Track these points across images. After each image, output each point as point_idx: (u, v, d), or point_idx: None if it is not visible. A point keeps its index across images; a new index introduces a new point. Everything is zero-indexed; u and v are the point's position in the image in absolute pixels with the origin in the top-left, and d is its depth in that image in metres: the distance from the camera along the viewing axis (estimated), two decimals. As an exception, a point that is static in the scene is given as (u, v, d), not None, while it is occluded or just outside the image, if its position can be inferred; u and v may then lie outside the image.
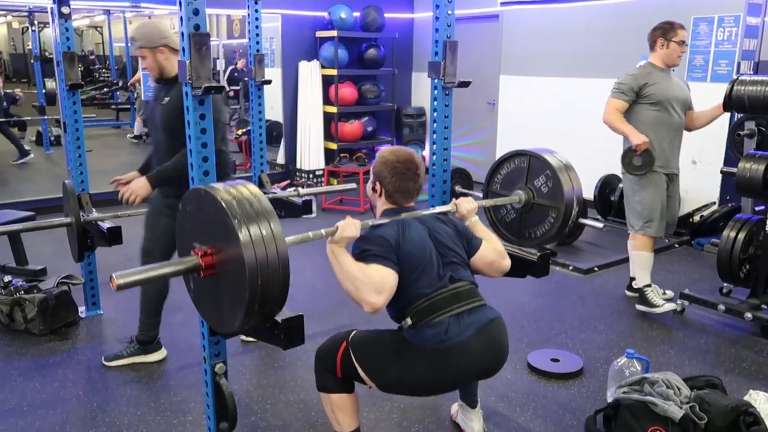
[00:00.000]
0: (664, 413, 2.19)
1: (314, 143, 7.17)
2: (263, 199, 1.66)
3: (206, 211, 1.69)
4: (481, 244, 2.22)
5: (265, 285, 1.58)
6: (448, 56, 2.56)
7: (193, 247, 1.71)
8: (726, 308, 3.48)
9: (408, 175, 2.13)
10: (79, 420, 2.60)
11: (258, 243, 1.56)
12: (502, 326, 2.09)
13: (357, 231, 1.96)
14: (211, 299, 1.78)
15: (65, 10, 3.22)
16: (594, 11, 5.89)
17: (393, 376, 2.02)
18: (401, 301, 1.99)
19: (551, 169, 2.46)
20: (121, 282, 1.56)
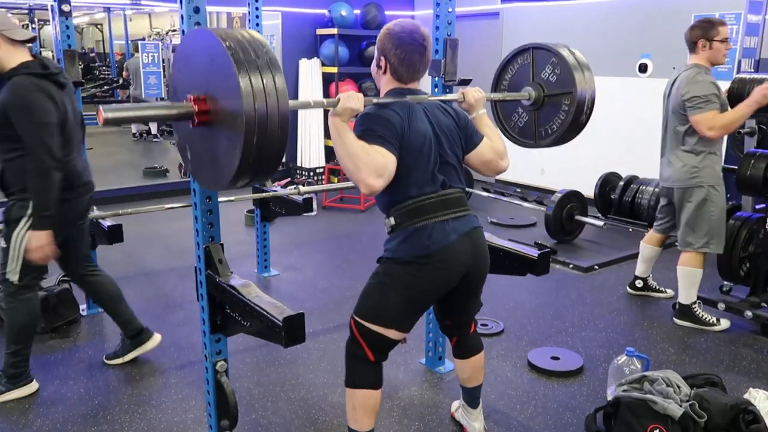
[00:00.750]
0: (664, 411, 2.20)
1: (315, 141, 7.17)
2: (269, 49, 1.55)
3: (206, 56, 1.58)
4: (481, 141, 2.16)
5: (262, 134, 1.49)
6: (449, 54, 2.56)
7: (187, 97, 1.62)
8: (726, 306, 3.48)
9: (414, 46, 2.01)
10: (80, 418, 2.61)
11: (258, 94, 1.47)
12: (482, 234, 2.13)
13: (360, 104, 1.88)
14: (202, 153, 1.69)
15: (66, 8, 3.22)
16: (594, 9, 5.89)
17: (395, 303, 2.00)
18: (390, 191, 1.95)
19: (555, 55, 2.36)
20: (108, 115, 1.48)
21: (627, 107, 5.72)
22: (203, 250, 2.04)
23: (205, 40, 1.59)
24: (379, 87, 2.14)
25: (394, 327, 2.03)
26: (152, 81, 8.20)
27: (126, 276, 4.24)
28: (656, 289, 3.95)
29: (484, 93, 2.25)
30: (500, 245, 2.52)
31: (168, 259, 4.62)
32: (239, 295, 1.92)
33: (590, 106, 2.36)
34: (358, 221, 5.74)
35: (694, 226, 3.40)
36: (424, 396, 2.78)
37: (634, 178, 5.26)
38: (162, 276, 4.27)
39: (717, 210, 3.36)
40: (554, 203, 4.88)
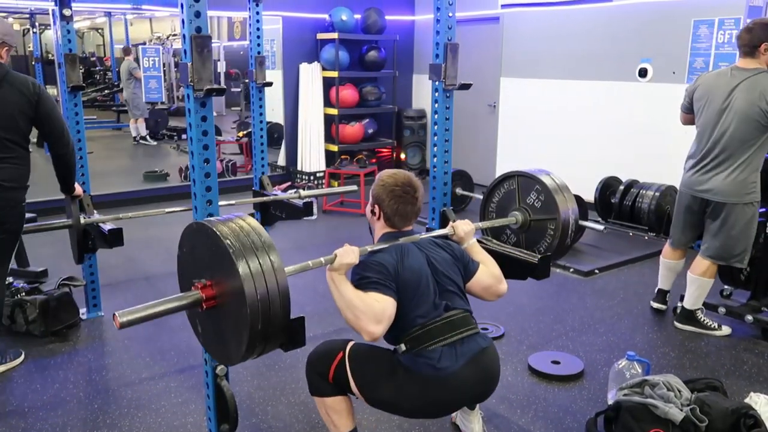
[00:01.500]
0: (665, 415, 2.19)
1: (315, 145, 7.18)
2: (262, 231, 1.69)
3: (206, 245, 1.71)
4: (477, 269, 2.24)
5: (266, 317, 1.60)
6: (449, 58, 2.56)
7: (194, 283, 1.72)
8: (726, 311, 3.48)
9: (406, 198, 2.14)
10: (80, 422, 2.60)
11: (258, 276, 1.59)
12: (493, 354, 2.11)
13: (356, 257, 1.97)
14: (213, 332, 1.79)
15: (67, 13, 3.23)
16: (594, 14, 5.90)
17: (385, 394, 2.03)
18: (397, 326, 2.00)
19: (540, 183, 2.51)
20: (124, 320, 1.56)
21: (627, 112, 5.72)
22: (204, 254, 2.04)
23: (201, 231, 1.72)
24: (373, 230, 2.25)
25: (366, 398, 2.06)
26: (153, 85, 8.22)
27: (126, 280, 4.24)
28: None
29: (472, 225, 2.38)
30: (501, 249, 2.52)
31: (168, 262, 4.61)
32: (239, 299, 1.92)
33: (574, 229, 2.51)
34: (358, 225, 5.74)
35: (737, 242, 3.25)
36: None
37: (635, 183, 5.25)
38: (162, 280, 4.26)
39: (756, 227, 3.29)
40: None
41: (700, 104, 3.31)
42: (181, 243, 1.86)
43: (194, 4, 1.83)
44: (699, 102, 3.32)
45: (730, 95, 3.16)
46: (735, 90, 3.15)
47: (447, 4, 2.54)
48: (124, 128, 11.35)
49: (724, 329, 3.45)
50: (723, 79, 3.23)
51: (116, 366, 3.09)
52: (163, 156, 9.44)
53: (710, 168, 3.25)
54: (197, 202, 2.01)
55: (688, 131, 3.62)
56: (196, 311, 1.78)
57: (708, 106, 3.26)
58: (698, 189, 3.31)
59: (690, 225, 3.49)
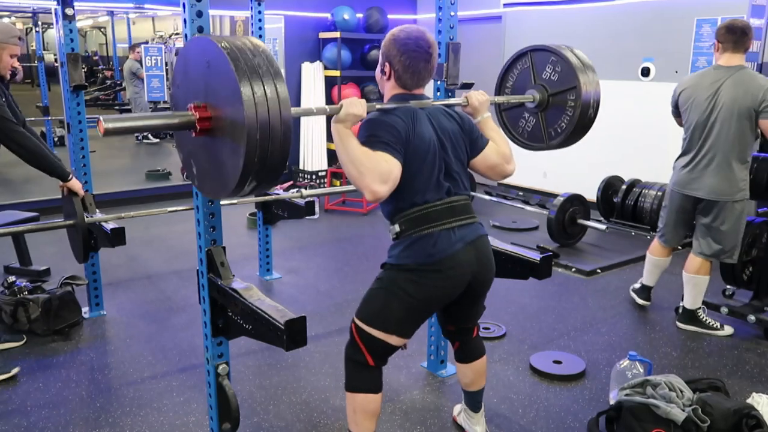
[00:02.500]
0: (667, 416, 2.19)
1: (317, 144, 7.18)
2: (270, 55, 1.55)
3: (206, 65, 1.58)
4: (486, 145, 2.14)
5: (264, 146, 1.48)
6: (451, 58, 2.56)
7: (188, 107, 1.61)
8: (729, 310, 3.48)
9: (419, 53, 2.00)
10: (82, 420, 2.61)
11: (260, 102, 1.46)
12: (488, 243, 2.11)
13: (363, 110, 1.87)
14: (205, 162, 1.69)
15: (69, 12, 3.23)
16: (597, 13, 5.89)
17: (397, 309, 1.99)
18: (396, 198, 1.95)
19: (553, 53, 2.37)
20: (109, 126, 1.47)
21: (629, 111, 5.72)
22: (205, 253, 2.04)
23: (205, 47, 1.58)
24: (383, 92, 2.13)
25: (395, 333, 2.02)
26: (155, 84, 8.22)
27: (128, 279, 4.25)
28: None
29: (488, 96, 2.24)
30: (503, 249, 2.51)
31: (170, 261, 4.63)
32: (241, 298, 1.92)
33: (596, 99, 2.36)
34: (360, 224, 5.74)
35: (727, 239, 3.30)
36: (426, 399, 2.78)
37: (637, 182, 5.25)
38: (164, 279, 4.27)
39: (745, 223, 3.35)
40: (557, 207, 4.87)
41: (687, 105, 3.35)
42: (175, 69, 1.73)
43: (196, 3, 1.83)
44: (686, 103, 3.36)
45: (716, 94, 3.21)
46: (720, 88, 3.20)
47: (449, 3, 2.55)
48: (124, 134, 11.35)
49: (726, 329, 3.44)
50: (707, 78, 3.28)
51: (118, 365, 3.09)
52: (166, 155, 9.45)
53: (702, 167, 3.28)
54: (199, 201, 2.01)
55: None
56: (190, 142, 1.68)
57: (695, 106, 3.29)
58: (691, 188, 3.35)
59: (682, 223, 3.53)
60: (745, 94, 3.12)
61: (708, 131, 3.24)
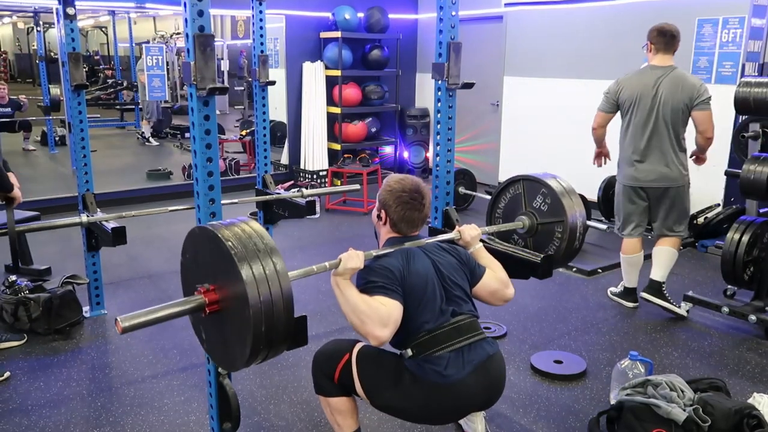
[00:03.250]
0: (668, 415, 2.19)
1: (318, 144, 7.18)
2: (265, 235, 1.67)
3: (209, 250, 1.70)
4: (484, 273, 2.22)
5: (270, 322, 1.59)
6: (452, 57, 2.56)
7: (197, 288, 1.72)
8: (730, 310, 3.47)
9: (413, 205, 2.13)
10: (82, 420, 2.61)
11: (261, 280, 1.57)
12: (500, 361, 2.10)
13: (360, 262, 1.96)
14: (217, 338, 1.78)
15: (71, 11, 3.23)
16: (598, 12, 5.89)
17: (391, 399, 2.03)
18: (403, 331, 1.99)
19: (545, 186, 2.50)
20: (126, 325, 1.56)
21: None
22: (206, 252, 2.04)
23: (206, 237, 1.71)
24: (379, 234, 2.24)
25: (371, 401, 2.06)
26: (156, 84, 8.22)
27: (129, 278, 4.25)
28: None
29: (479, 229, 2.36)
30: (503, 249, 2.52)
31: (171, 261, 4.63)
32: (242, 297, 1.92)
33: (582, 232, 2.48)
34: (361, 224, 5.74)
35: (683, 216, 3.71)
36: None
37: (638, 182, 5.24)
38: (165, 278, 4.27)
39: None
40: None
41: (629, 103, 3.61)
42: (184, 249, 1.85)
43: (197, 2, 1.83)
44: (628, 101, 3.62)
45: (656, 92, 3.53)
46: (660, 87, 3.53)
47: (450, 2, 2.54)
48: (127, 126, 11.38)
49: (683, 307, 3.62)
50: (646, 78, 3.59)
51: (119, 364, 3.09)
52: (167, 154, 9.46)
53: (653, 160, 3.58)
54: (200, 200, 2.01)
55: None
56: (200, 318, 1.77)
57: (638, 103, 3.57)
58: (646, 180, 3.63)
59: (639, 213, 3.76)
60: (682, 91, 3.49)
61: (653, 126, 3.55)
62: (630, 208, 3.74)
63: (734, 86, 3.64)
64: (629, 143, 3.64)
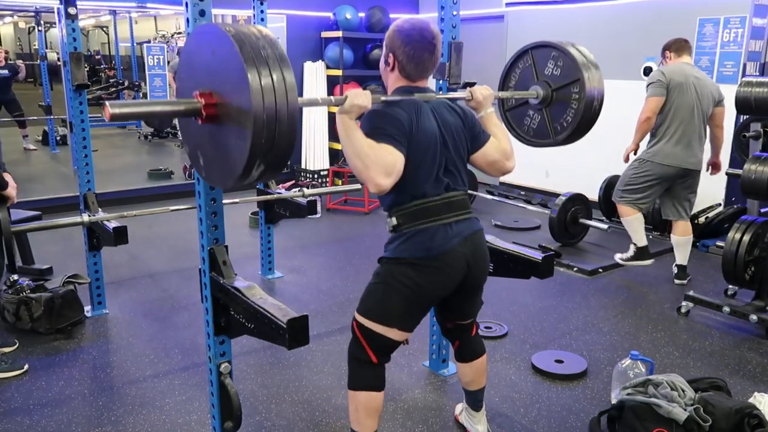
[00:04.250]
0: (669, 415, 2.19)
1: (319, 143, 7.18)
2: (277, 43, 1.53)
3: (212, 51, 1.57)
4: (487, 141, 2.13)
5: (271, 135, 1.47)
6: (453, 57, 2.57)
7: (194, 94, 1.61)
8: (731, 310, 3.47)
9: (423, 44, 1.98)
10: (84, 419, 2.61)
11: (267, 90, 1.44)
12: (483, 238, 2.13)
13: (368, 101, 1.85)
14: (211, 151, 1.67)
15: (72, 11, 3.23)
16: (599, 12, 5.89)
17: (396, 302, 2.00)
18: (393, 193, 1.94)
19: (554, 48, 2.37)
20: (115, 111, 1.47)
21: (631, 110, 5.68)
22: (207, 252, 2.04)
23: (212, 35, 1.57)
24: (387, 84, 2.12)
25: (396, 326, 2.03)
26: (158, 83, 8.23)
27: (131, 277, 4.25)
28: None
29: (492, 90, 2.23)
30: (504, 248, 2.51)
31: (172, 260, 4.63)
32: (243, 297, 1.92)
33: (600, 92, 2.35)
34: (362, 224, 5.74)
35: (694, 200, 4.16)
36: (427, 398, 2.78)
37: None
38: (166, 277, 4.28)
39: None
40: (558, 206, 4.87)
41: (677, 90, 3.94)
42: (181, 55, 1.71)
43: (199, 2, 1.83)
44: (677, 89, 3.94)
45: (695, 83, 3.94)
46: (696, 78, 3.97)
47: (451, 2, 2.55)
48: (128, 126, 11.38)
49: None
50: (686, 70, 3.99)
51: (121, 363, 3.10)
52: (168, 154, 9.47)
53: (691, 143, 3.97)
54: (201, 200, 2.01)
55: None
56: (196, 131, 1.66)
57: (686, 91, 3.93)
58: (687, 161, 3.98)
59: (658, 192, 4.13)
60: (711, 86, 4.01)
61: (697, 113, 3.95)
62: (656, 186, 4.07)
63: (735, 86, 3.64)
64: (676, 126, 3.95)
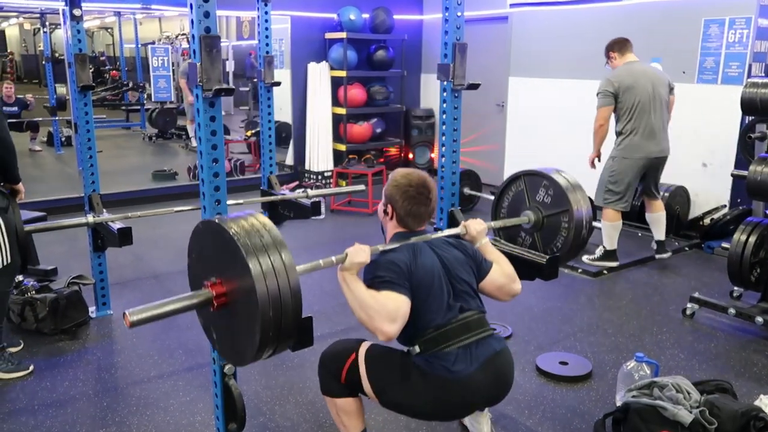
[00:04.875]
0: (674, 417, 2.18)
1: (323, 145, 7.18)
2: (273, 229, 1.67)
3: (216, 244, 1.70)
4: (491, 268, 2.21)
5: (278, 315, 1.59)
6: (458, 58, 2.56)
7: (204, 284, 1.72)
8: (736, 312, 3.46)
9: (420, 200, 2.12)
10: (89, 419, 2.62)
11: (269, 274, 1.57)
12: (508, 357, 2.09)
13: (367, 257, 1.95)
14: (225, 333, 1.78)
15: (77, 12, 3.24)
16: (603, 12, 5.87)
17: (398, 396, 2.03)
18: (410, 327, 1.98)
19: (546, 178, 2.49)
20: (134, 319, 1.56)
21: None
22: (212, 253, 2.05)
23: (214, 231, 1.70)
24: (385, 229, 2.23)
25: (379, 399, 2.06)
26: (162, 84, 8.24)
27: (135, 278, 4.26)
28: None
29: (485, 224, 2.34)
30: (509, 250, 2.52)
31: (177, 261, 4.63)
32: (247, 298, 1.93)
33: (589, 219, 2.47)
34: (366, 224, 5.74)
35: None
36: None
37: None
38: (171, 278, 4.28)
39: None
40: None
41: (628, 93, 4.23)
42: (189, 249, 1.85)
43: (203, 4, 1.83)
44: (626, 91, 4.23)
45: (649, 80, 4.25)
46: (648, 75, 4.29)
47: (455, 3, 2.54)
48: (133, 127, 11.42)
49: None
50: (634, 69, 4.30)
51: (125, 364, 3.10)
52: (172, 155, 9.48)
53: (654, 134, 4.26)
54: (206, 201, 2.01)
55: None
56: (209, 314, 1.77)
57: (635, 90, 4.21)
58: (654, 150, 4.30)
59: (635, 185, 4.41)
60: (664, 78, 4.33)
61: (654, 107, 4.24)
62: (632, 178, 4.32)
63: (741, 87, 3.63)
64: (637, 122, 4.24)
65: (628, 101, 4.23)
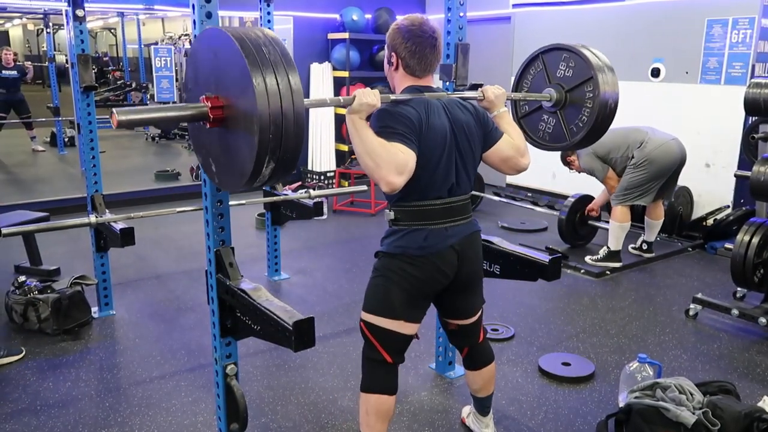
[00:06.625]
0: (677, 419, 2.18)
1: (325, 145, 7.18)
2: (282, 45, 1.52)
3: (218, 56, 1.57)
4: (500, 138, 2.12)
5: (277, 138, 1.46)
6: (460, 59, 2.56)
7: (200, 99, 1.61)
8: (740, 313, 3.45)
9: (424, 38, 1.99)
10: (91, 420, 2.62)
11: (273, 94, 1.44)
12: (479, 238, 2.14)
13: (376, 99, 1.84)
14: (221, 153, 1.67)
15: (80, 13, 3.25)
16: (606, 13, 5.87)
17: (397, 293, 2.00)
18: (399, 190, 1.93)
19: (564, 50, 2.36)
20: (122, 118, 1.47)
21: (639, 112, 5.67)
22: (214, 253, 2.05)
23: (217, 39, 1.57)
24: (394, 86, 2.10)
25: (401, 318, 2.02)
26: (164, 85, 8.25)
27: (137, 279, 4.26)
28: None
29: (503, 90, 2.22)
30: (511, 250, 2.50)
31: (179, 262, 4.64)
32: (249, 298, 1.92)
33: (615, 94, 2.33)
34: (368, 225, 5.74)
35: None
36: (434, 401, 2.77)
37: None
38: (173, 279, 4.29)
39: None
40: (567, 207, 4.85)
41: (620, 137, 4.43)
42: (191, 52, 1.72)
43: (206, 4, 1.84)
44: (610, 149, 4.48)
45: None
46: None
47: (458, 3, 2.54)
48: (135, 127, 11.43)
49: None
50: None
51: (127, 364, 3.11)
52: (175, 156, 9.50)
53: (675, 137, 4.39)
54: (208, 201, 2.02)
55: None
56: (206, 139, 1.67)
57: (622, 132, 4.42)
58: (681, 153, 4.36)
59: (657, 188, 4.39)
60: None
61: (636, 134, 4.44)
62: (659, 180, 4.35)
63: (744, 87, 3.62)
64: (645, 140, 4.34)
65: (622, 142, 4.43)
